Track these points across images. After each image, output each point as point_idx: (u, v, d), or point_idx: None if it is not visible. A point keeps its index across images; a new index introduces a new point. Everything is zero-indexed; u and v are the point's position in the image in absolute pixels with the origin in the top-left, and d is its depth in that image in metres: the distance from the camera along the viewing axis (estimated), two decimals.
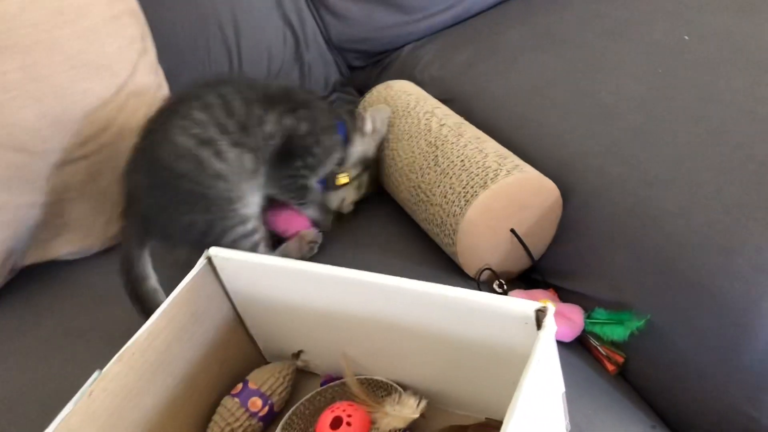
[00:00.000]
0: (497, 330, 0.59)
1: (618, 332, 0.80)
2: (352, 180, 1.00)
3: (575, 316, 0.84)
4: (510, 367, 0.60)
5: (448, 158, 0.90)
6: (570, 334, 0.83)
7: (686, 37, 1.01)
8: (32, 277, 1.01)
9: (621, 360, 0.83)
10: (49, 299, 0.98)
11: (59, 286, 1.00)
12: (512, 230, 0.88)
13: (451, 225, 0.87)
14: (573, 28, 1.16)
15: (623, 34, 1.08)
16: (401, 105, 1.03)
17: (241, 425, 0.71)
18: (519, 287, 0.90)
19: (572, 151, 0.93)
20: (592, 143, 0.92)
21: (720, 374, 0.74)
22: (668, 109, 0.91)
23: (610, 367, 0.83)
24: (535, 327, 0.55)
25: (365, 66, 1.45)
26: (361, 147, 1.00)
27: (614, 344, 0.83)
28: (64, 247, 1.02)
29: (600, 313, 0.83)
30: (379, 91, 1.10)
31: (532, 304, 0.55)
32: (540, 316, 0.55)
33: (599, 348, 0.84)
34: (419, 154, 0.94)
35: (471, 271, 0.90)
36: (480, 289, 0.89)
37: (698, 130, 0.86)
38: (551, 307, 0.55)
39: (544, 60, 1.11)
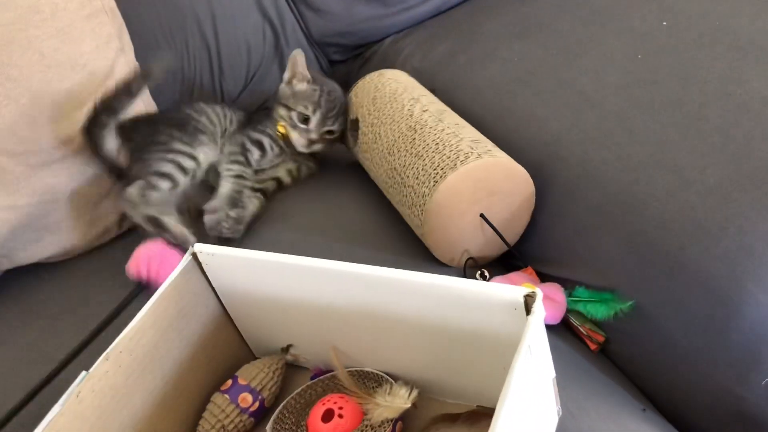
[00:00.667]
0: (486, 317, 0.59)
1: (601, 311, 0.81)
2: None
3: (557, 295, 0.84)
4: (500, 355, 0.60)
5: (424, 141, 0.90)
6: (557, 316, 0.84)
7: (664, 23, 1.01)
8: (16, 281, 1.00)
9: (602, 339, 0.84)
10: (34, 302, 0.97)
11: (43, 289, 0.99)
12: (482, 215, 0.88)
13: (419, 206, 0.87)
14: (552, 16, 1.16)
15: (602, 21, 1.09)
16: (389, 91, 1.03)
17: (231, 421, 0.70)
18: (500, 270, 0.91)
19: (554, 138, 0.93)
20: (574, 130, 0.92)
21: (708, 355, 0.74)
22: (648, 94, 0.91)
23: (592, 346, 0.84)
24: (524, 313, 0.55)
25: (346, 60, 1.44)
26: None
27: (595, 323, 0.84)
28: (46, 250, 1.00)
29: (581, 292, 0.84)
30: (372, 78, 1.09)
31: (520, 290, 0.55)
32: (529, 301, 0.55)
33: (580, 327, 0.84)
34: (399, 137, 0.94)
35: (438, 252, 0.90)
36: (466, 277, 0.89)
37: (679, 114, 0.86)
38: (540, 293, 0.55)
39: (524, 48, 1.11)
